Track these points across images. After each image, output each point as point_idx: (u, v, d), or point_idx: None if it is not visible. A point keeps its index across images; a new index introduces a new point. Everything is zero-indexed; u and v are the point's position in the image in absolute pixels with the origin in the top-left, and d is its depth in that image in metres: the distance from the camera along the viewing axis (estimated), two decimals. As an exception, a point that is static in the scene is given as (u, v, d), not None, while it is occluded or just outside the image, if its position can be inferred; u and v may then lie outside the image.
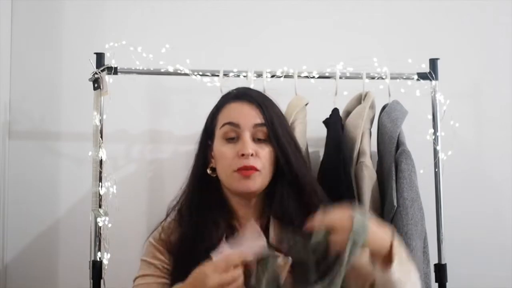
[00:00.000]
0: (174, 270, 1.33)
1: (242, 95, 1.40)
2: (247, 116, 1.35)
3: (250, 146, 1.32)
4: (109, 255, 1.67)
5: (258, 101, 1.37)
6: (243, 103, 1.37)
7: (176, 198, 1.44)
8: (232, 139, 1.35)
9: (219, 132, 1.37)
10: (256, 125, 1.34)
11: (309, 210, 1.28)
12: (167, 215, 1.44)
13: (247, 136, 1.33)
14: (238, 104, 1.38)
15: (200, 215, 1.36)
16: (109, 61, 1.73)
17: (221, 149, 1.35)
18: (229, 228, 1.35)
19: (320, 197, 1.36)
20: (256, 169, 1.32)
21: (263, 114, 1.35)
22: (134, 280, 1.36)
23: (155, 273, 1.33)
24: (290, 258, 1.26)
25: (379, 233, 1.17)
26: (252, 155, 1.31)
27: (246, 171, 1.31)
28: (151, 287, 1.32)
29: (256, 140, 1.35)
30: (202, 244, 1.29)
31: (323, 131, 1.76)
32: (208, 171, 1.40)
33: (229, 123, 1.35)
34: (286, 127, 1.41)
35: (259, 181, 1.33)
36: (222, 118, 1.38)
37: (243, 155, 1.31)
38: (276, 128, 1.35)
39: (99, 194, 1.68)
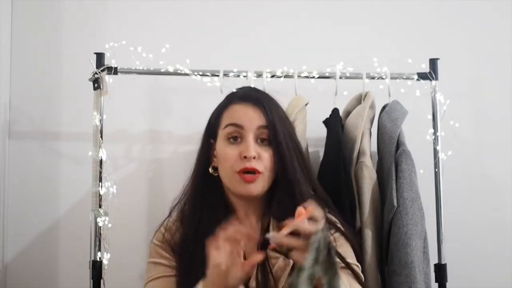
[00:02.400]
0: (178, 270, 1.33)
1: (247, 96, 1.40)
2: (251, 118, 1.35)
3: (253, 148, 1.32)
4: (109, 255, 1.67)
5: (263, 103, 1.37)
6: (248, 105, 1.37)
7: (178, 197, 1.44)
8: (235, 140, 1.35)
9: (222, 132, 1.37)
10: (260, 127, 1.35)
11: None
12: (170, 213, 1.44)
13: (250, 137, 1.33)
14: (243, 106, 1.38)
15: (203, 215, 1.37)
16: (109, 61, 1.73)
17: (224, 150, 1.35)
18: None
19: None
20: (258, 172, 1.32)
21: (266, 117, 1.35)
22: (145, 285, 1.35)
23: (166, 273, 1.33)
24: (291, 261, 1.26)
25: None
26: (254, 157, 1.32)
27: (249, 176, 1.32)
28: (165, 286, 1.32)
29: (259, 141, 1.35)
30: (205, 244, 1.29)
31: (323, 131, 1.76)
32: (210, 170, 1.40)
33: (233, 124, 1.35)
34: (288, 130, 1.41)
35: (261, 184, 1.34)
36: (226, 119, 1.38)
37: (245, 157, 1.32)
38: (277, 132, 1.35)
39: (99, 194, 1.68)
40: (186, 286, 1.26)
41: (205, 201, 1.39)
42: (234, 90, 1.50)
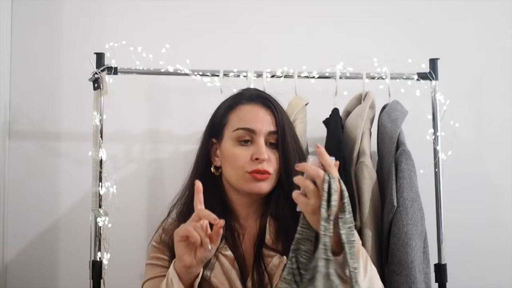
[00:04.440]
0: None
1: (257, 97, 1.40)
2: (263, 122, 1.36)
3: (265, 151, 1.33)
4: (109, 255, 1.67)
5: (273, 104, 1.38)
6: (258, 106, 1.38)
7: (177, 197, 1.44)
8: (245, 142, 1.35)
9: (231, 134, 1.37)
10: (270, 133, 1.36)
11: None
12: (169, 214, 1.44)
13: (262, 141, 1.35)
14: (253, 107, 1.38)
15: None
16: (109, 61, 1.73)
17: (234, 151, 1.36)
18: (229, 229, 1.35)
19: None
20: (269, 173, 1.33)
21: (276, 121, 1.37)
22: (142, 285, 1.36)
23: (162, 273, 1.33)
24: (285, 257, 1.27)
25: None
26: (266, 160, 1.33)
27: (261, 175, 1.33)
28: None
29: (268, 144, 1.36)
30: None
31: (323, 131, 1.76)
32: (212, 169, 1.40)
33: (244, 129, 1.35)
34: (293, 133, 1.43)
35: (270, 184, 1.35)
36: (236, 121, 1.37)
37: (257, 159, 1.32)
38: (286, 138, 1.37)
39: (99, 194, 1.68)
40: None
41: (204, 202, 1.38)
42: (235, 91, 1.50)
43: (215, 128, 1.42)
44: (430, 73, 1.77)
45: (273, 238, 1.34)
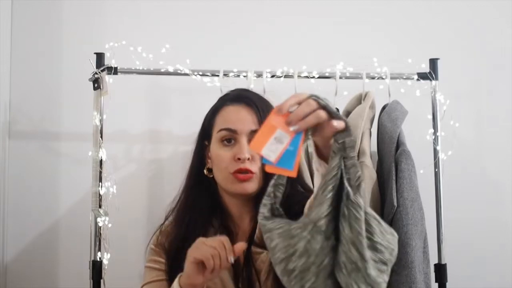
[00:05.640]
0: (169, 270, 1.34)
1: (240, 97, 1.40)
2: (244, 122, 1.35)
3: (247, 151, 1.33)
4: (109, 255, 1.67)
5: (256, 103, 1.37)
6: (240, 106, 1.38)
7: (174, 200, 1.44)
8: (229, 142, 1.36)
9: (216, 135, 1.38)
10: (252, 132, 1.35)
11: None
12: (166, 218, 1.44)
13: (244, 140, 1.34)
14: (236, 108, 1.38)
15: (195, 215, 1.37)
16: (109, 61, 1.73)
17: (218, 152, 1.36)
18: (224, 229, 1.36)
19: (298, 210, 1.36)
20: (252, 172, 1.33)
21: (259, 119, 1.35)
22: None
23: (159, 277, 1.34)
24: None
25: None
26: (248, 159, 1.32)
27: (243, 175, 1.32)
28: None
29: None
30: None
31: (323, 131, 1.76)
32: (205, 171, 1.41)
33: (227, 129, 1.35)
34: None
35: (255, 183, 1.34)
36: (220, 122, 1.38)
37: (239, 159, 1.32)
38: None
39: (99, 194, 1.68)
40: None
41: (197, 202, 1.39)
42: (228, 91, 1.50)
43: (206, 131, 1.43)
44: (430, 73, 1.77)
45: (262, 235, 1.34)
